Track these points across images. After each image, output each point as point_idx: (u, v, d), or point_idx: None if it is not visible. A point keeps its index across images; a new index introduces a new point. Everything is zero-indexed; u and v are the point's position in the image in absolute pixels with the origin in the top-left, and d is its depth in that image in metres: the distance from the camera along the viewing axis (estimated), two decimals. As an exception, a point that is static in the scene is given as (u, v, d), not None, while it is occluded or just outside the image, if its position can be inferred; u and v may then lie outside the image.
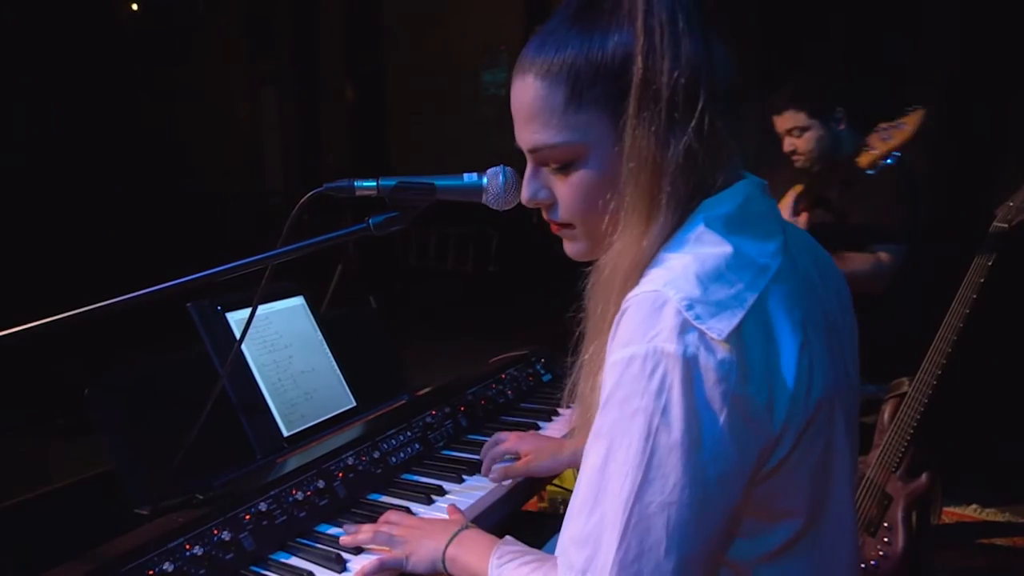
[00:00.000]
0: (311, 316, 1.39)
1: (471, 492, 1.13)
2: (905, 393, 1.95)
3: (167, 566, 0.87)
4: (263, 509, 1.00)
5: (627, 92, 0.65)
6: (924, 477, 1.92)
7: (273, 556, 0.97)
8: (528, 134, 0.72)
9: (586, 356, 0.72)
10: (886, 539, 1.93)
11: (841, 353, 0.72)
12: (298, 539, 1.00)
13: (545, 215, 0.77)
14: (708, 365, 0.59)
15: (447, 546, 0.87)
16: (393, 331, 1.55)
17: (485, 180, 0.95)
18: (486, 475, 1.19)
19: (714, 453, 0.60)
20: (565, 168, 0.71)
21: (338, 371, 1.38)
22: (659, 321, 0.60)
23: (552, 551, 0.75)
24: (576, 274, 0.78)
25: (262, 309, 1.30)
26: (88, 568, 0.84)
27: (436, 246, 7.18)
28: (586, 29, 0.67)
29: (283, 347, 1.31)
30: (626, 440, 0.61)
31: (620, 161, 0.66)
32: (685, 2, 0.64)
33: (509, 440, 1.22)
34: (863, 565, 1.98)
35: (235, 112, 9.45)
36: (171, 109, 9.71)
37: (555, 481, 1.41)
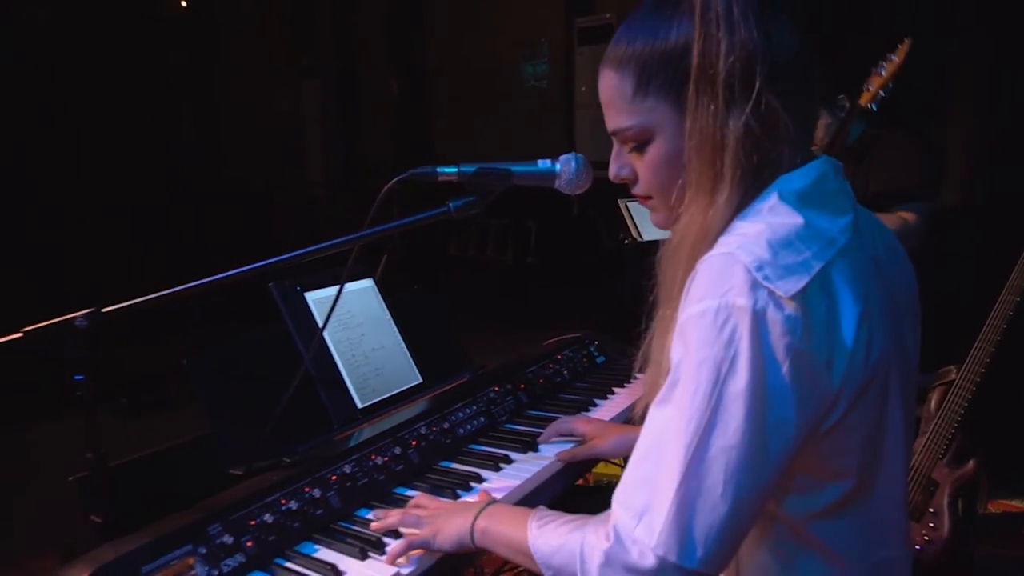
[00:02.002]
0: (380, 297, 1.47)
1: (536, 461, 1.20)
2: (952, 381, 1.97)
3: (267, 517, 0.96)
4: (347, 471, 1.08)
5: (688, 79, 0.71)
6: (971, 464, 1.94)
7: (357, 513, 1.05)
8: (608, 118, 0.80)
9: (656, 321, 0.78)
10: (932, 524, 1.96)
11: (901, 333, 0.77)
12: (379, 500, 1.09)
13: (631, 189, 0.84)
14: (775, 319, 0.64)
15: (475, 520, 0.89)
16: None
17: (558, 166, 1.01)
18: (545, 443, 1.26)
19: (776, 402, 0.64)
20: (640, 148, 0.79)
21: (405, 349, 1.46)
22: (731, 278, 0.66)
23: None
24: (613, 266, 0.85)
25: (335, 291, 1.39)
26: (199, 516, 0.93)
27: (476, 237, 7.26)
28: (653, 24, 0.74)
29: (356, 325, 1.39)
30: (693, 386, 0.66)
31: (685, 141, 0.73)
32: (732, 20, 0.69)
33: (574, 422, 1.28)
34: (908, 550, 2.01)
35: (277, 105, 9.65)
36: (214, 102, 9.96)
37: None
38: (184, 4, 9.96)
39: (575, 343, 1.69)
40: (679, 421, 0.66)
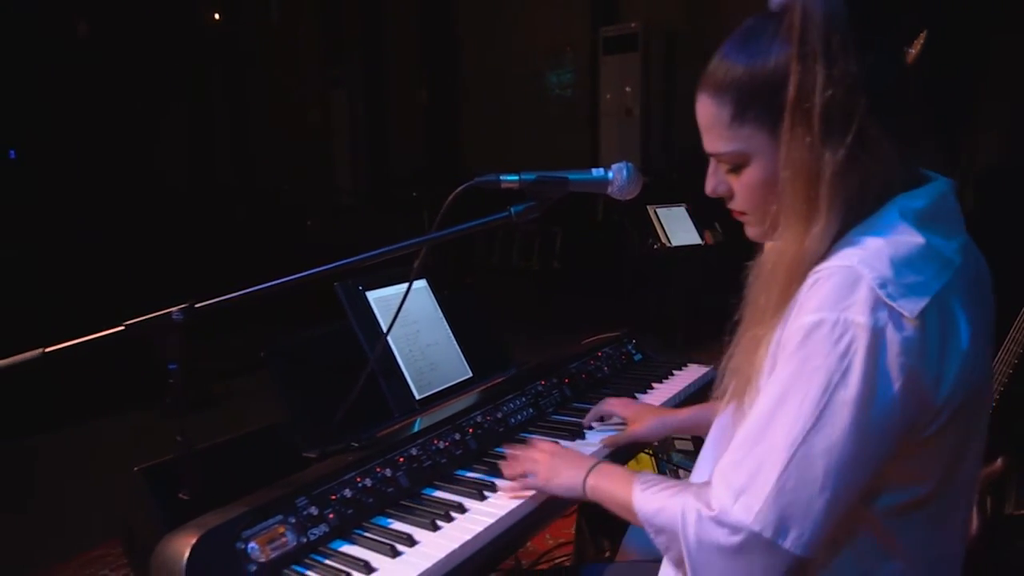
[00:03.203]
0: (433, 296, 1.57)
1: (584, 448, 1.29)
2: (981, 381, 2.02)
3: (346, 492, 1.06)
4: (414, 454, 1.18)
5: (784, 109, 0.74)
6: (999, 461, 1.98)
7: (424, 491, 1.15)
8: (706, 141, 0.83)
9: (745, 339, 0.82)
10: (961, 521, 2.01)
11: (990, 348, 0.82)
12: (442, 480, 1.18)
13: (727, 204, 0.88)
14: (894, 339, 0.68)
15: (587, 475, 0.99)
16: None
17: (611, 174, 1.10)
18: (587, 426, 1.36)
19: (883, 414, 0.69)
20: (736, 169, 0.82)
21: (456, 345, 1.55)
22: (853, 294, 0.69)
23: None
24: (640, 273, 0.92)
25: (393, 289, 1.49)
26: (285, 492, 1.03)
27: (502, 243, 7.36)
28: (751, 54, 0.77)
29: (412, 323, 1.49)
30: (803, 390, 0.70)
31: (780, 170, 0.76)
32: (840, 24, 0.71)
33: (614, 403, 1.37)
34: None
35: (307, 114, 9.86)
36: (246, 111, 10.19)
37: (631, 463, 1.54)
38: (217, 16, 10.24)
39: (614, 341, 1.77)
40: (788, 417, 0.71)
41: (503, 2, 7.52)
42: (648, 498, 0.85)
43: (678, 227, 3.43)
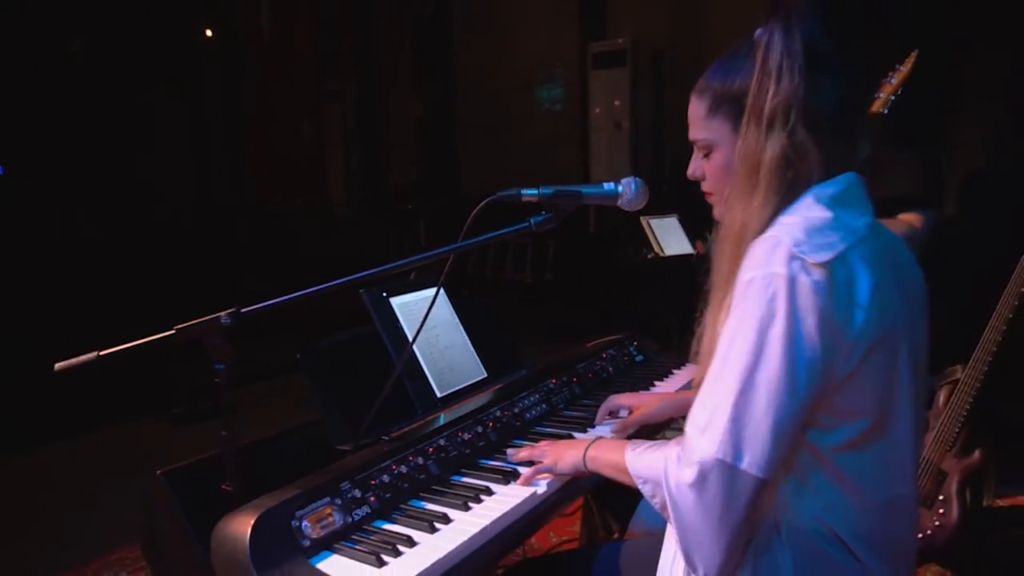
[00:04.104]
0: (449, 302, 1.69)
1: (595, 439, 1.40)
2: (958, 379, 2.15)
3: (384, 478, 1.17)
4: (441, 444, 1.29)
5: (743, 111, 0.95)
6: (977, 453, 2.11)
7: (452, 477, 1.26)
8: (690, 131, 1.05)
9: (711, 304, 0.99)
10: (941, 511, 2.13)
11: (912, 312, 0.95)
12: (468, 468, 1.29)
13: (702, 187, 1.08)
14: (805, 283, 0.85)
15: (586, 450, 1.16)
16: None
17: (620, 188, 1.22)
18: (599, 423, 1.48)
19: (805, 345, 0.84)
20: (707, 155, 1.03)
21: (472, 348, 1.67)
22: (775, 254, 0.87)
23: None
24: (628, 283, 1.06)
25: (413, 296, 1.60)
26: (330, 478, 1.13)
27: (494, 255, 7.48)
28: (728, 68, 0.99)
29: (431, 327, 1.60)
30: (744, 333, 0.87)
31: (735, 156, 0.97)
32: (794, 55, 0.92)
33: (619, 397, 1.50)
34: (919, 535, 2.18)
35: (300, 128, 9.97)
36: (240, 126, 10.29)
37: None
38: (209, 33, 10.34)
39: (617, 343, 1.89)
40: (733, 362, 0.87)
41: (495, 18, 7.68)
42: (637, 456, 1.01)
43: (670, 237, 3.56)
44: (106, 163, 8.34)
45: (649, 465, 0.98)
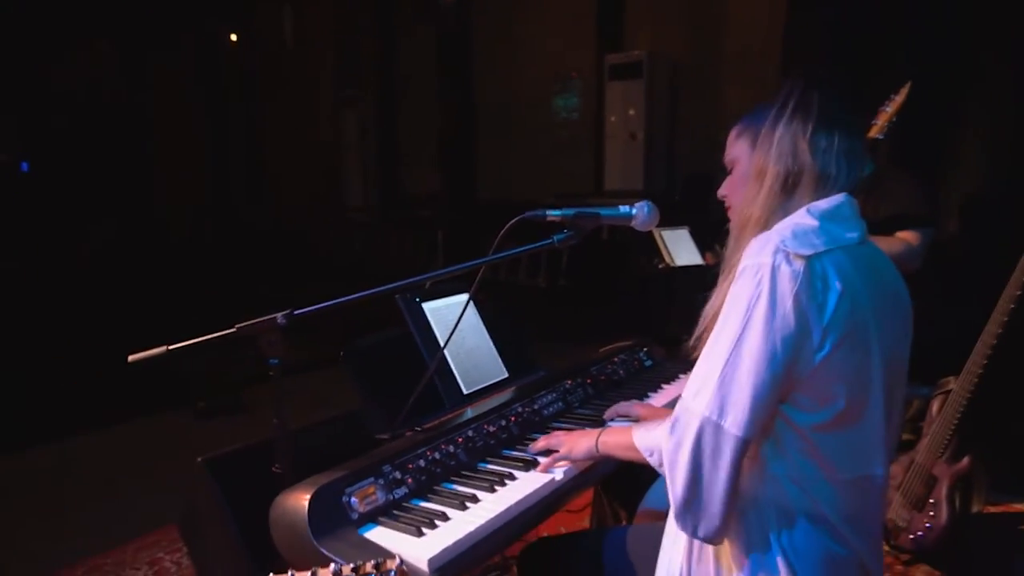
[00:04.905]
0: (475, 308, 1.84)
1: (607, 435, 1.55)
2: (951, 390, 2.28)
3: (420, 463, 1.33)
4: (470, 435, 1.45)
5: (754, 151, 1.16)
6: (966, 460, 2.24)
7: (479, 464, 1.42)
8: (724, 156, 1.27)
9: (721, 288, 1.15)
10: (931, 513, 2.26)
11: (892, 319, 1.10)
12: (492, 456, 1.45)
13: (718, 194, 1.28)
14: (786, 271, 0.99)
15: (599, 437, 1.34)
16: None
17: (634, 211, 1.37)
18: (608, 419, 1.63)
19: (782, 324, 0.99)
20: (730, 171, 1.25)
21: (494, 350, 1.82)
22: (765, 248, 1.02)
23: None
24: (640, 291, 1.23)
25: (443, 301, 1.76)
26: (373, 461, 1.29)
27: (509, 261, 7.61)
28: (756, 112, 1.20)
29: (459, 331, 1.75)
30: (735, 312, 1.02)
31: (745, 182, 1.19)
32: (802, 114, 1.12)
33: (632, 406, 1.64)
34: (911, 536, 2.31)
35: (318, 134, 10.17)
36: (261, 131, 10.51)
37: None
38: (234, 38, 10.58)
39: (627, 349, 2.04)
40: (724, 335, 1.03)
41: (514, 29, 7.85)
42: (643, 432, 1.20)
43: (681, 248, 3.69)
44: (123, 165, 8.56)
45: (653, 437, 1.15)
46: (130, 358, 1.39)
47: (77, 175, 8.05)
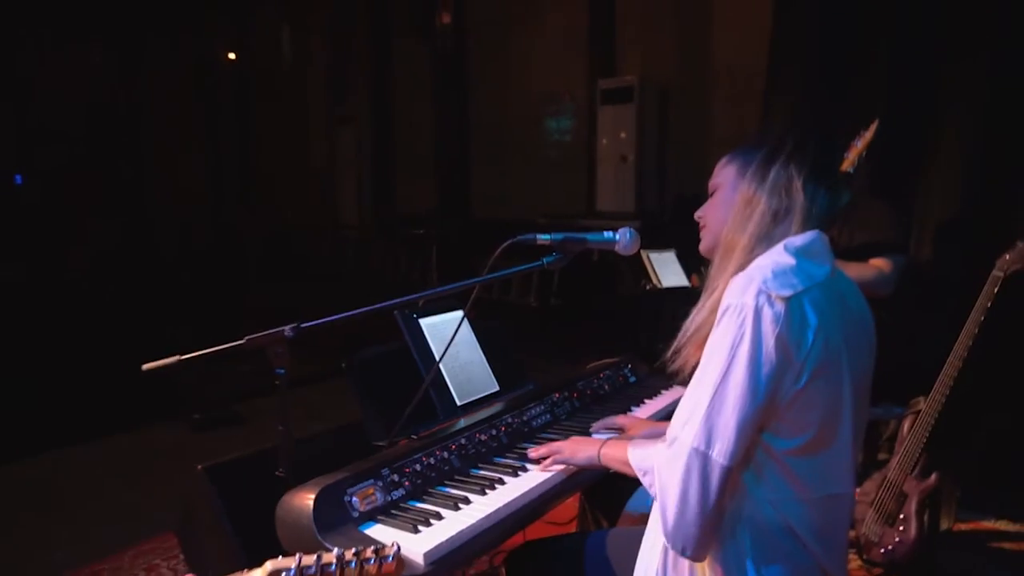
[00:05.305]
0: (468, 324, 1.94)
1: (591, 445, 1.65)
2: (920, 410, 2.39)
3: (416, 467, 1.42)
4: (462, 443, 1.54)
5: (750, 164, 1.25)
6: (933, 477, 2.35)
7: (471, 470, 1.52)
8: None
9: (704, 307, 1.24)
10: (901, 528, 2.36)
11: (858, 346, 1.19)
12: (483, 463, 1.54)
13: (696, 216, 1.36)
14: (768, 313, 1.07)
15: (602, 447, 1.42)
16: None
17: (617, 236, 1.49)
18: (594, 431, 1.73)
19: (764, 361, 1.07)
20: (711, 194, 1.32)
21: (487, 364, 1.92)
22: (748, 289, 1.09)
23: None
24: (627, 311, 1.34)
25: (439, 318, 1.86)
26: (373, 464, 1.38)
27: (501, 281, 7.70)
28: (747, 150, 1.28)
29: (453, 345, 1.86)
30: (720, 349, 1.09)
31: (729, 207, 1.26)
32: (787, 160, 1.22)
33: (616, 418, 1.74)
34: (882, 550, 2.41)
35: (312, 151, 10.30)
36: (257, 149, 10.61)
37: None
38: (232, 56, 10.72)
39: (614, 366, 2.15)
40: (710, 371, 1.10)
41: (509, 52, 8.02)
42: (638, 452, 1.28)
43: (668, 270, 3.82)
44: (117, 183, 8.64)
45: (647, 458, 1.24)
46: (144, 367, 1.48)
47: (67, 201, 8.13)
